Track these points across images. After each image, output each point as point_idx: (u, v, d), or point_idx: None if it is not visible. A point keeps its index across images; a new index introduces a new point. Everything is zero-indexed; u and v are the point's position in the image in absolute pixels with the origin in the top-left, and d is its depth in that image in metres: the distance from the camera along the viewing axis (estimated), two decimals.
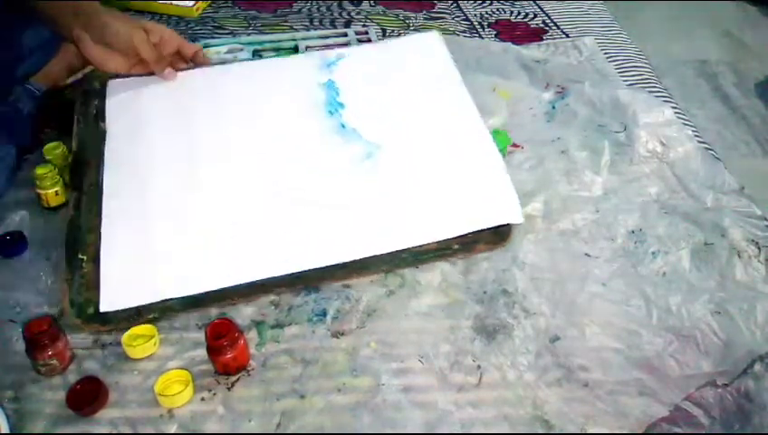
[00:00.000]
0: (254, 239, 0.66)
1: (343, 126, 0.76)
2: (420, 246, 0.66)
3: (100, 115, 0.78)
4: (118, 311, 0.60)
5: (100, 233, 0.66)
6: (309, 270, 0.64)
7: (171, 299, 0.61)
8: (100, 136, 0.76)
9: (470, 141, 0.76)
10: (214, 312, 0.62)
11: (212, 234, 0.66)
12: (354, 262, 0.65)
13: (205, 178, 0.71)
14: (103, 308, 0.60)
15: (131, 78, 0.81)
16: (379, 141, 0.74)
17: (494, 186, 0.72)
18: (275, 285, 0.63)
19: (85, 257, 0.64)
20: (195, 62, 0.85)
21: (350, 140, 0.75)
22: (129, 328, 0.59)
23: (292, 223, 0.67)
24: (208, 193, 0.70)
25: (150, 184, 0.71)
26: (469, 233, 0.67)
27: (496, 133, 0.78)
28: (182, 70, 0.83)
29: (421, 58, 0.86)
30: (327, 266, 0.64)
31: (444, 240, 0.67)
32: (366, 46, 0.89)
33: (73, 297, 0.61)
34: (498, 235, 0.68)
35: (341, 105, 0.79)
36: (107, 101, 0.79)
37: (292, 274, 0.63)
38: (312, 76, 0.82)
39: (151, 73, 0.81)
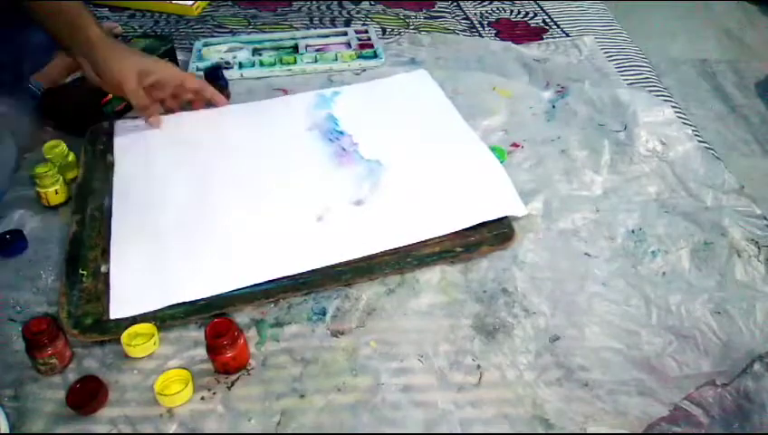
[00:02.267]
0: (258, 245, 0.67)
1: (344, 149, 0.79)
2: (424, 246, 0.67)
3: (108, 149, 0.81)
4: (117, 320, 0.60)
5: (103, 248, 0.67)
6: (313, 275, 0.64)
7: (171, 308, 0.61)
8: (107, 166, 0.78)
9: (467, 151, 0.79)
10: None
11: (217, 241, 0.67)
12: (359, 267, 0.65)
13: (211, 194, 0.73)
14: (113, 315, 0.60)
15: (138, 118, 0.85)
16: (379, 159, 0.77)
17: (494, 184, 0.74)
18: (281, 291, 0.63)
19: (86, 273, 0.65)
20: (200, 95, 0.85)
21: (351, 160, 0.78)
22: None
23: (297, 229, 0.69)
24: (214, 207, 0.72)
25: (158, 200, 0.73)
26: (472, 236, 0.68)
27: (492, 149, 0.79)
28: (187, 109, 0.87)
29: (412, 91, 0.91)
30: (331, 271, 0.64)
31: (448, 242, 0.67)
32: (359, 84, 0.93)
33: (71, 310, 0.61)
34: (501, 237, 0.68)
35: (341, 133, 0.82)
36: (115, 138, 0.83)
37: (297, 279, 0.63)
38: (310, 112, 0.86)
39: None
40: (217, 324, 0.57)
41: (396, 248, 0.67)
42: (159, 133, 0.83)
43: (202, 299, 0.62)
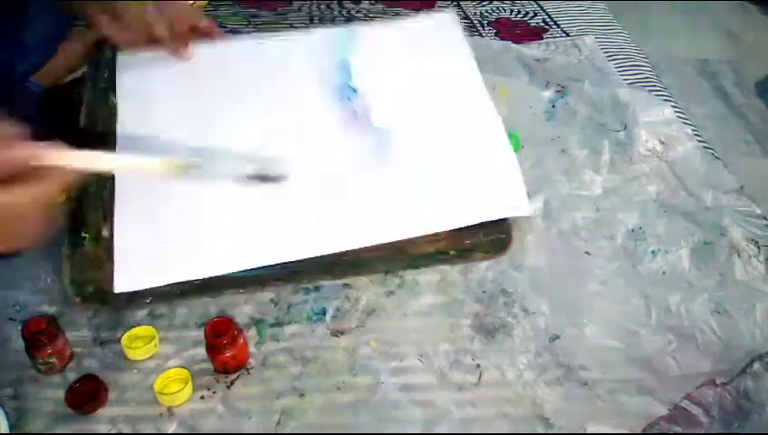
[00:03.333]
0: (260, 227, 0.65)
1: (355, 113, 0.74)
2: (418, 245, 0.65)
3: (110, 87, 0.77)
4: (117, 293, 0.59)
5: (105, 214, 0.66)
6: (306, 265, 0.63)
7: (169, 285, 0.60)
8: (110, 111, 0.74)
9: (482, 135, 0.74)
10: (213, 309, 0.62)
11: (220, 221, 0.66)
12: (352, 261, 0.64)
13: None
14: (117, 289, 0.59)
15: (142, 53, 0.78)
16: (390, 129, 0.73)
17: (503, 178, 0.70)
18: (275, 278, 0.62)
19: (88, 236, 0.64)
20: (211, 37, 0.82)
21: (360, 127, 0.73)
22: (124, 308, 0.59)
23: (300, 212, 0.66)
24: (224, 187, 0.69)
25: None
26: (468, 240, 0.66)
27: (509, 135, 0.75)
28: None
29: (436, 43, 0.83)
30: (324, 262, 0.63)
31: (443, 243, 0.66)
32: (381, 26, 0.87)
33: (74, 275, 0.61)
34: (498, 243, 0.66)
35: (354, 91, 0.77)
36: (117, 77, 0.78)
37: (291, 268, 0.63)
38: (326, 55, 0.80)
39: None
40: (217, 324, 0.57)
41: (389, 245, 0.65)
42: (164, 76, 0.78)
43: (198, 280, 0.61)
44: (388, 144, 0.72)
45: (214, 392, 0.56)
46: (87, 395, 0.54)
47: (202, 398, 0.55)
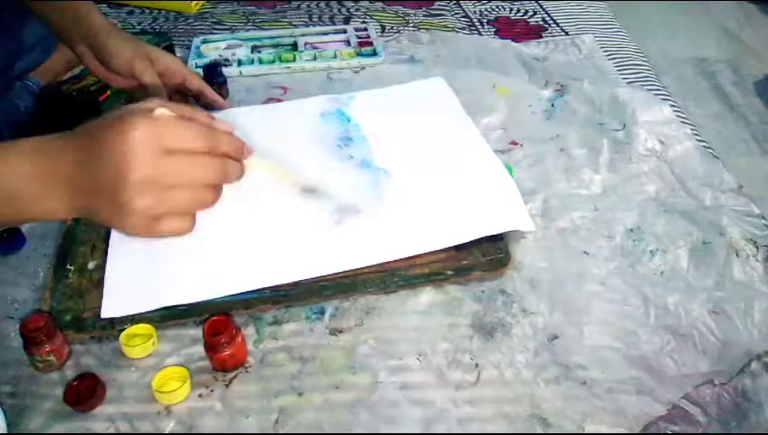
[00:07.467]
0: (251, 252, 0.66)
1: (352, 157, 0.77)
2: (413, 266, 0.65)
3: None
4: (95, 319, 0.60)
5: (93, 244, 0.67)
6: (295, 289, 0.63)
7: (149, 312, 0.60)
8: None
9: (478, 165, 0.76)
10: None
11: (211, 246, 0.66)
12: (343, 283, 0.63)
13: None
14: (104, 314, 0.60)
15: None
16: (387, 168, 0.75)
17: (502, 198, 0.71)
18: (261, 302, 0.62)
19: (73, 268, 0.65)
20: (201, 96, 0.84)
21: (357, 167, 0.76)
22: (102, 337, 0.59)
23: (293, 236, 0.67)
24: (214, 210, 0.70)
25: None
26: (465, 259, 0.65)
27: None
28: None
29: (428, 99, 0.89)
30: (314, 286, 0.63)
31: (439, 264, 0.65)
32: (374, 90, 0.91)
33: (53, 304, 0.61)
34: (496, 262, 0.65)
35: (351, 139, 0.80)
36: None
37: (279, 291, 0.63)
38: (323, 116, 0.84)
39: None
40: (215, 322, 0.57)
41: (383, 266, 0.64)
42: None
43: (182, 305, 0.61)
44: (387, 180, 0.73)
45: (212, 391, 0.56)
46: (85, 393, 0.54)
47: (200, 396, 0.55)
